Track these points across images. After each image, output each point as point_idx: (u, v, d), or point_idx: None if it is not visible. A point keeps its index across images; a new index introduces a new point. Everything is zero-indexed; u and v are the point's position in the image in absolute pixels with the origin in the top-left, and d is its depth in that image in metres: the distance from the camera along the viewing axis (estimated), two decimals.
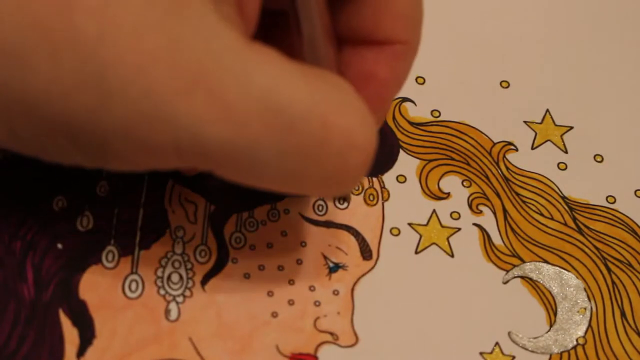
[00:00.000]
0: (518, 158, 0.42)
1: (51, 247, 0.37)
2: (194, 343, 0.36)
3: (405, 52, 0.35)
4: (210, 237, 0.38)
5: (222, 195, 0.39)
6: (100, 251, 0.37)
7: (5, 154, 0.37)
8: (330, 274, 0.38)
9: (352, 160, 0.30)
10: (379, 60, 0.34)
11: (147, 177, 0.39)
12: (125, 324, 0.36)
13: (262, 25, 0.33)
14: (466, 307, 0.38)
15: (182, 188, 0.39)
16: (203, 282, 0.37)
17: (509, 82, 0.44)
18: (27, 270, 0.36)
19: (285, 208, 0.39)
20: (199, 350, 0.36)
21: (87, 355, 0.35)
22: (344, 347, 0.37)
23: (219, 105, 0.28)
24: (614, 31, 0.47)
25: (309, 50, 0.32)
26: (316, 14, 0.32)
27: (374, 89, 0.34)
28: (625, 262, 0.40)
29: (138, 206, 0.38)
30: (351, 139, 0.29)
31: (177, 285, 0.37)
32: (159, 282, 0.37)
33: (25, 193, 0.37)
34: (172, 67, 0.27)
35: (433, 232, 0.40)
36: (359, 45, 0.34)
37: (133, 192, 0.38)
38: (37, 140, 0.29)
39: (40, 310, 0.36)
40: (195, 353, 0.36)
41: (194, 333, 0.36)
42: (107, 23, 0.27)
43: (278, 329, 0.37)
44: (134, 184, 0.38)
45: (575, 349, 0.38)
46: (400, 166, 0.41)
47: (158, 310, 0.36)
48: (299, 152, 0.29)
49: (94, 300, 0.36)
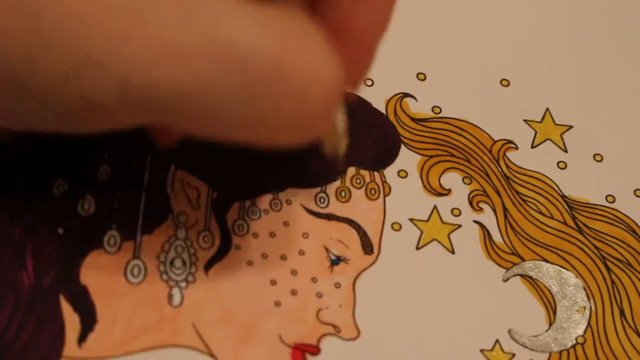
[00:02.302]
0: (518, 156, 0.42)
1: (51, 233, 0.36)
2: (197, 329, 0.36)
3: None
4: (213, 223, 0.38)
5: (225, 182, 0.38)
6: (101, 236, 0.36)
7: (5, 137, 0.37)
8: (332, 267, 0.38)
9: (313, 96, 0.28)
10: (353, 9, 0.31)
11: (150, 160, 0.38)
12: (128, 309, 0.35)
13: None
14: (467, 303, 0.38)
15: (185, 173, 0.38)
16: (206, 268, 0.37)
17: (509, 80, 0.44)
18: (26, 257, 0.35)
19: (287, 199, 0.39)
20: (202, 336, 0.35)
21: (88, 341, 0.34)
22: (345, 340, 0.37)
23: (163, 46, 0.26)
24: (614, 30, 0.47)
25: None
26: None
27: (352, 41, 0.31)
28: (624, 262, 0.40)
29: (140, 190, 0.37)
30: (311, 73, 0.27)
31: (180, 270, 0.36)
32: (161, 267, 0.36)
33: (24, 177, 0.37)
34: (110, 11, 0.26)
35: (434, 228, 0.40)
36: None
37: (135, 176, 0.38)
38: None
39: (41, 297, 0.35)
40: (198, 339, 0.35)
41: (197, 319, 0.36)
42: None
43: (281, 319, 0.36)
44: (136, 167, 0.38)
45: (574, 347, 0.38)
46: (401, 161, 0.41)
47: (161, 295, 0.36)
48: (253, 92, 0.27)
49: (96, 286, 0.35)
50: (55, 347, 0.34)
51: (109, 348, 0.35)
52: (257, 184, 0.38)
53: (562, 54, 0.46)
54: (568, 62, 0.45)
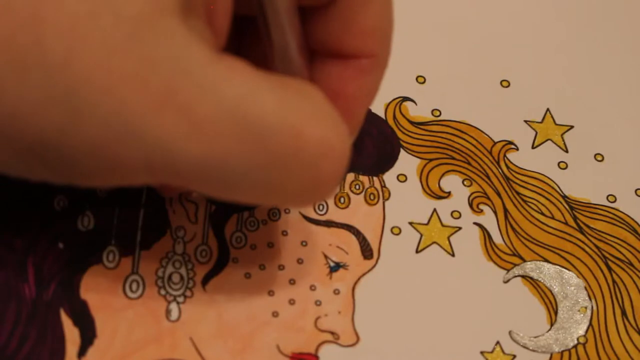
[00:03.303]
0: (519, 157, 0.42)
1: (52, 247, 0.37)
2: (194, 343, 0.36)
3: (372, 66, 0.34)
4: (211, 237, 0.38)
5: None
6: (101, 251, 0.37)
7: None
8: (331, 274, 0.38)
9: (326, 170, 0.29)
10: (345, 76, 0.34)
11: None
12: (126, 324, 0.36)
13: (234, 32, 0.32)
14: (467, 306, 0.38)
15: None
16: (204, 282, 0.37)
17: (509, 81, 0.44)
18: (28, 270, 0.36)
19: (285, 207, 0.39)
20: (199, 350, 0.36)
21: (88, 355, 0.35)
22: (344, 347, 0.37)
23: (189, 121, 0.27)
24: (614, 31, 0.47)
25: (279, 60, 0.32)
26: (286, 23, 0.31)
27: (342, 105, 0.33)
28: (625, 261, 0.40)
29: (139, 206, 0.38)
30: (325, 148, 0.29)
31: (177, 285, 0.37)
32: (159, 282, 0.37)
33: (25, 192, 0.37)
34: (142, 85, 0.27)
35: (434, 231, 0.40)
36: (326, 58, 0.34)
37: (133, 192, 0.38)
38: (3, 157, 0.29)
39: (42, 310, 0.36)
40: (196, 353, 0.36)
41: (194, 333, 0.36)
42: (76, 42, 0.26)
43: (279, 329, 0.37)
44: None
45: (576, 348, 0.38)
46: (400, 165, 0.41)
47: (159, 310, 0.36)
48: (272, 165, 0.28)
49: (95, 300, 0.36)
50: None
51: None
52: None
53: (562, 54, 0.45)
54: (568, 62, 0.45)
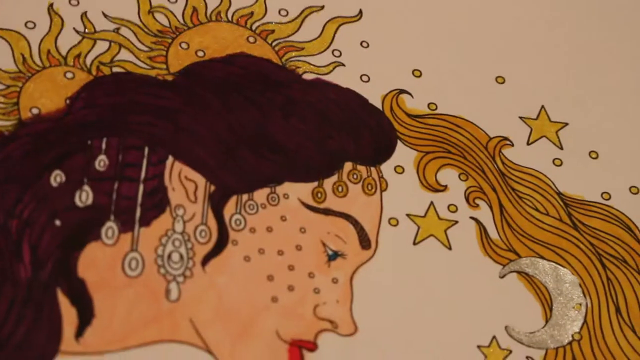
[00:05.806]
0: (514, 153, 0.42)
1: (49, 225, 0.35)
2: (194, 325, 0.35)
3: None
4: (210, 218, 0.37)
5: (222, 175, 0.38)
6: (99, 227, 0.36)
7: None
8: (329, 262, 0.38)
9: None
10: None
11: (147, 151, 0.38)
12: (126, 303, 0.35)
13: None
14: (464, 300, 0.38)
15: (182, 165, 0.38)
16: (203, 263, 0.36)
17: (505, 77, 0.44)
18: (23, 250, 0.35)
19: (285, 193, 0.38)
20: (199, 332, 0.35)
21: (85, 336, 0.34)
22: (343, 336, 0.37)
23: None
24: (609, 29, 0.47)
25: None
26: None
27: None
28: (620, 259, 0.40)
29: (138, 182, 0.37)
30: None
31: (177, 264, 0.36)
32: (159, 260, 0.36)
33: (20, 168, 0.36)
34: None
35: (431, 224, 0.40)
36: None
37: (133, 167, 0.37)
38: None
39: (38, 291, 0.34)
40: (196, 335, 0.35)
41: (194, 315, 0.36)
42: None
43: (278, 314, 0.36)
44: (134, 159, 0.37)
45: (570, 344, 0.38)
46: (398, 157, 0.41)
47: (159, 289, 0.36)
48: None
49: (94, 279, 0.35)
50: (52, 342, 0.34)
51: (107, 343, 0.34)
52: (255, 177, 0.38)
53: (557, 52, 0.46)
54: (563, 59, 0.45)
